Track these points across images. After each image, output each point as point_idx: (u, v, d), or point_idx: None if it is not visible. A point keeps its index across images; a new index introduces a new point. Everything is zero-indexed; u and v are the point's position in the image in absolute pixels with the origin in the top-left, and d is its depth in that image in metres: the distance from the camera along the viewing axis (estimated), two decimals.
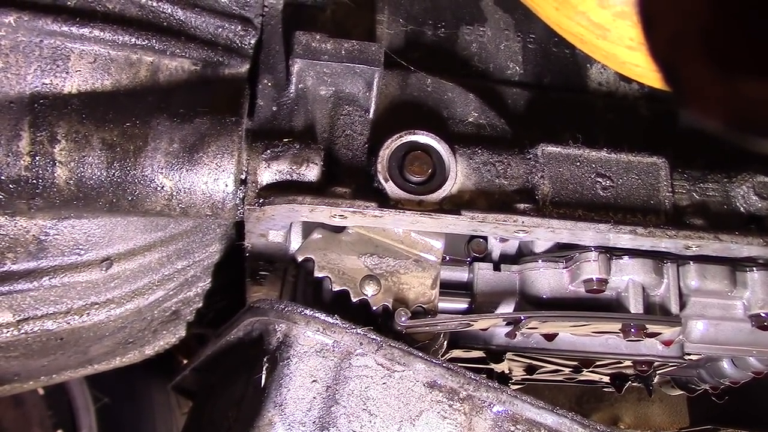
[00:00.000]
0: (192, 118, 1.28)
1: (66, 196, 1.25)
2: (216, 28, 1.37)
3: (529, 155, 1.41)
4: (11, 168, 1.21)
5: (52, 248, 1.33)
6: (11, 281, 1.32)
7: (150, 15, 1.31)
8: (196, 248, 1.52)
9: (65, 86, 1.24)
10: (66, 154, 1.22)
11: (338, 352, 1.24)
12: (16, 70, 1.21)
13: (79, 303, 1.40)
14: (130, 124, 1.25)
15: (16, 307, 1.35)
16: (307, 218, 1.32)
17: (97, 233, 1.35)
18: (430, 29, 1.62)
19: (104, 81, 1.27)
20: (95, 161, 1.24)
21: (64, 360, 1.52)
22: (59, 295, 1.38)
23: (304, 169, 1.30)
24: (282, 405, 1.21)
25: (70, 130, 1.23)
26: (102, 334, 1.49)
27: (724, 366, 1.89)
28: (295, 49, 1.37)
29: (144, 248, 1.42)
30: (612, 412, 2.81)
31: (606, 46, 1.25)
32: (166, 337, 1.66)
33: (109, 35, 1.26)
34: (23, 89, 1.22)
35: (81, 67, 1.25)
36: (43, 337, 1.41)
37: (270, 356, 1.25)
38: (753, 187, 1.46)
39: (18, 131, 1.21)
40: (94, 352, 1.55)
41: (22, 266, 1.32)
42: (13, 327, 1.36)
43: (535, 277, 1.50)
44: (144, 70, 1.30)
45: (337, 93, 1.40)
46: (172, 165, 1.26)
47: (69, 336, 1.44)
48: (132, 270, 1.43)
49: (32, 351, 1.43)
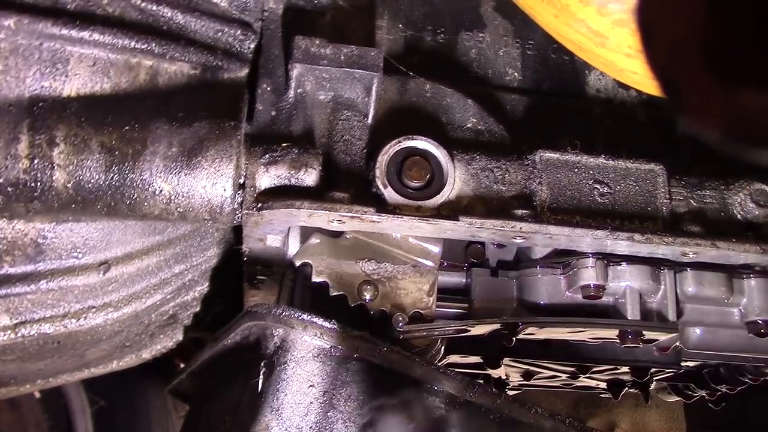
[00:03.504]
0: (191, 122, 1.28)
1: (64, 199, 1.25)
2: (215, 32, 1.37)
3: (527, 161, 1.41)
4: (10, 171, 1.21)
5: (49, 251, 1.33)
6: (8, 284, 1.31)
7: (149, 19, 1.31)
8: (194, 252, 1.51)
9: (64, 89, 1.24)
10: (65, 157, 1.22)
11: (336, 357, 1.23)
12: (15, 73, 1.21)
13: (77, 306, 1.40)
14: (129, 128, 1.25)
15: (14, 311, 1.35)
16: (305, 223, 1.32)
17: (95, 237, 1.35)
18: (430, 35, 1.62)
19: (103, 84, 1.27)
20: (94, 165, 1.24)
21: (60, 363, 1.51)
22: (56, 299, 1.37)
23: (302, 174, 1.30)
24: (279, 410, 1.21)
25: (69, 133, 1.23)
26: (99, 337, 1.48)
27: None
28: (294, 53, 1.37)
29: (142, 252, 1.42)
30: (609, 417, 2.81)
31: (604, 54, 1.25)
32: (163, 341, 1.65)
33: (109, 39, 1.25)
34: (22, 92, 1.22)
35: (80, 70, 1.25)
36: (40, 341, 1.41)
37: (267, 361, 1.25)
38: (750, 195, 1.46)
39: (17, 134, 1.21)
40: (91, 356, 1.55)
41: (20, 269, 1.32)
42: (10, 330, 1.35)
43: (532, 283, 1.50)
44: (143, 74, 1.30)
45: (336, 98, 1.40)
46: (170, 169, 1.27)
47: (66, 339, 1.43)
48: (130, 274, 1.42)
49: (29, 354, 1.43)
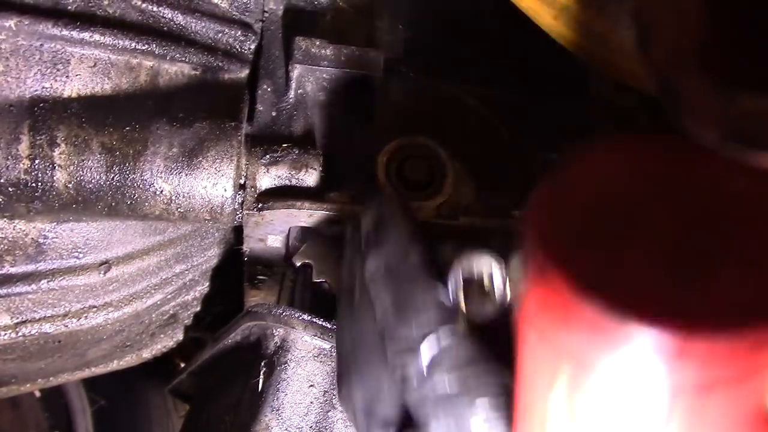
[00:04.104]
0: (191, 122, 1.28)
1: (65, 199, 1.25)
2: (216, 33, 1.37)
3: (528, 163, 1.41)
4: (11, 171, 1.21)
5: (50, 251, 1.33)
6: (9, 284, 1.31)
7: (150, 20, 1.31)
8: (195, 252, 1.52)
9: (65, 90, 1.24)
10: (65, 157, 1.23)
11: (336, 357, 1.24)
12: (16, 74, 1.21)
13: (77, 306, 1.40)
14: (130, 129, 1.26)
15: (14, 310, 1.35)
16: (305, 223, 1.32)
17: (96, 237, 1.35)
18: (430, 35, 1.62)
19: (104, 85, 1.27)
20: (95, 165, 1.24)
21: (61, 363, 1.52)
22: (57, 298, 1.38)
23: (303, 175, 1.30)
24: (279, 409, 1.21)
25: (70, 133, 1.23)
26: (100, 337, 1.49)
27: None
28: (294, 54, 1.37)
29: (142, 252, 1.42)
30: None
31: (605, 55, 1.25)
32: (163, 340, 1.65)
33: (110, 39, 1.26)
34: (23, 93, 1.22)
35: (81, 71, 1.25)
36: (41, 340, 1.41)
37: (267, 361, 1.25)
38: None
39: (18, 134, 1.21)
40: (91, 355, 1.55)
41: (21, 269, 1.32)
42: (10, 329, 1.36)
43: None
44: (144, 75, 1.30)
45: (337, 98, 1.41)
46: (171, 169, 1.27)
47: (67, 339, 1.44)
48: (130, 273, 1.43)
49: (30, 353, 1.43)
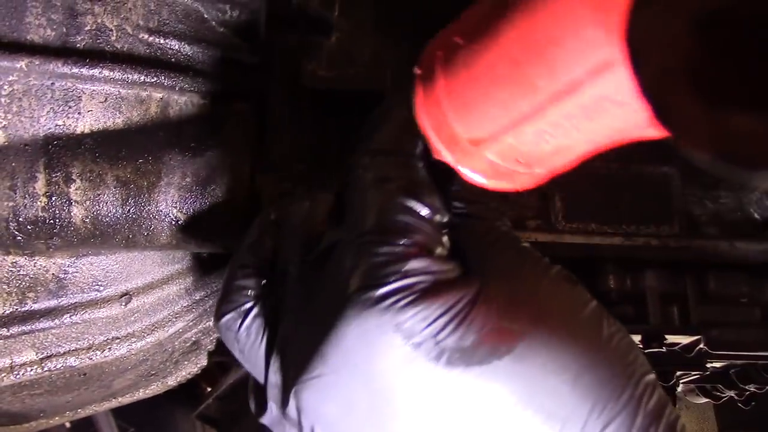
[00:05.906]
0: (203, 151, 1.30)
1: (83, 234, 1.27)
2: (223, 61, 1.39)
3: None
4: (29, 209, 1.23)
5: (71, 286, 1.34)
6: (33, 320, 1.33)
7: (158, 52, 1.33)
8: (214, 278, 1.53)
9: (78, 126, 1.26)
10: (81, 193, 1.24)
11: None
12: (29, 114, 1.23)
13: (101, 338, 1.42)
14: (143, 161, 1.27)
15: (39, 345, 1.36)
16: None
17: (115, 269, 1.37)
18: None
19: (116, 119, 1.29)
20: (110, 199, 1.26)
21: (88, 395, 1.53)
22: (81, 332, 1.39)
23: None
24: None
25: (85, 169, 1.25)
26: (124, 367, 1.50)
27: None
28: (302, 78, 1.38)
29: (162, 281, 1.43)
30: None
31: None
32: (187, 367, 1.67)
33: (119, 74, 1.27)
34: (37, 131, 1.23)
35: (92, 107, 1.27)
36: (67, 374, 1.42)
37: None
38: (766, 192, 1.45)
39: (34, 173, 1.23)
40: (117, 386, 1.56)
41: (43, 305, 1.34)
42: (36, 365, 1.37)
43: None
44: (154, 107, 1.31)
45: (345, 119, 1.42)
46: (185, 199, 1.28)
47: (92, 371, 1.45)
48: (151, 303, 1.44)
49: (56, 387, 1.44)
